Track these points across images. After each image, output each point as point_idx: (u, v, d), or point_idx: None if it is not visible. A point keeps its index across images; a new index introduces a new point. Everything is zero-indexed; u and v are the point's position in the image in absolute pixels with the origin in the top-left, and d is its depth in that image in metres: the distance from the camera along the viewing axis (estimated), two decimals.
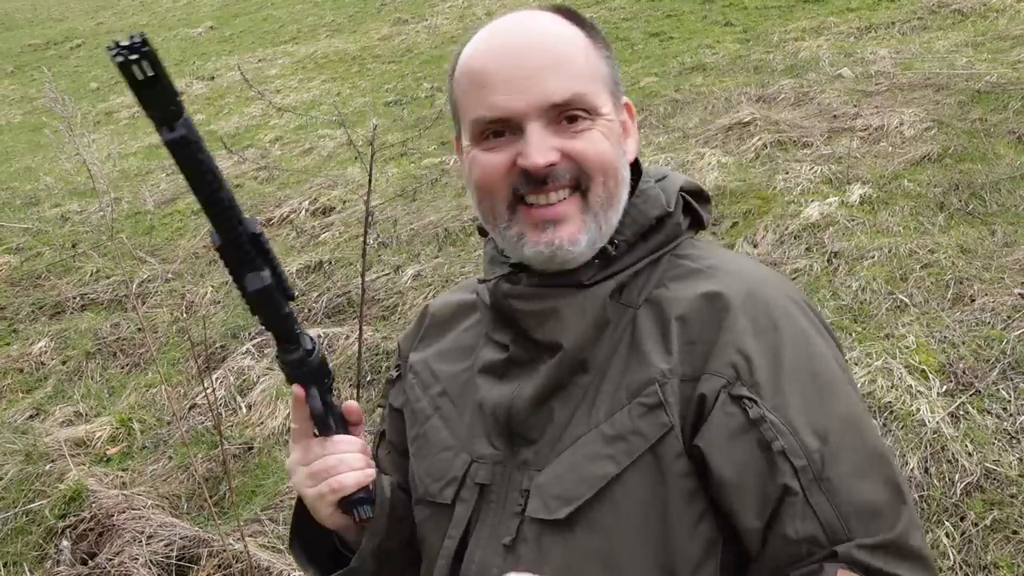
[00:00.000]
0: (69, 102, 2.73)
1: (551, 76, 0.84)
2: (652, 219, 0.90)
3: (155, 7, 14.83)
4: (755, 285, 0.86)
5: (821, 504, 0.78)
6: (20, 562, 2.64)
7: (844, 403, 0.83)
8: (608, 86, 0.89)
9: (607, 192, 0.86)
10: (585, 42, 0.88)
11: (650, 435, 0.82)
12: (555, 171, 0.84)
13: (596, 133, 0.86)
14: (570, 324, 0.86)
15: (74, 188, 6.17)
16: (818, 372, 0.83)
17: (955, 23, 6.05)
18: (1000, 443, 2.27)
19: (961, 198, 3.51)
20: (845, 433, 0.81)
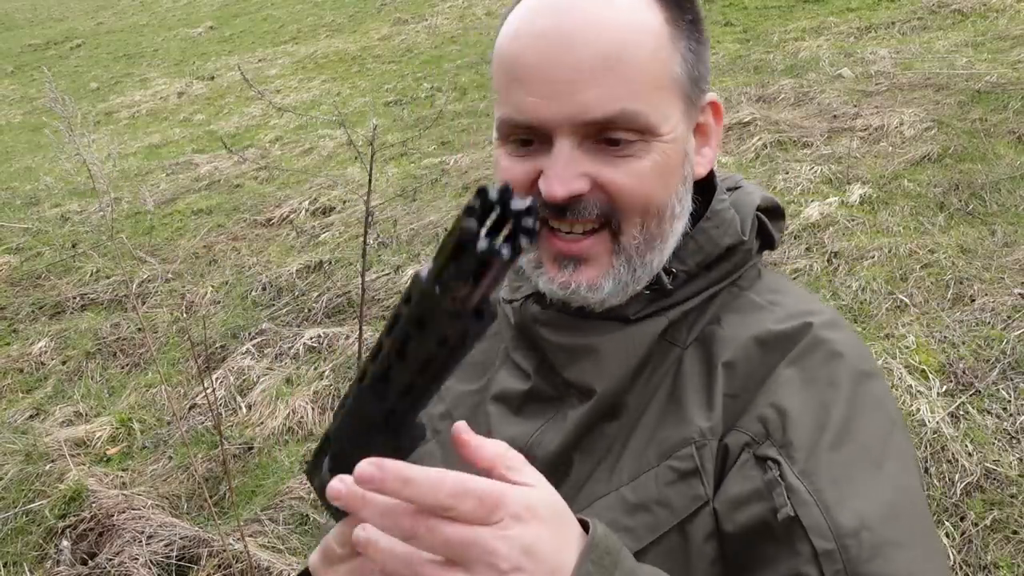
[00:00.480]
0: (69, 102, 2.73)
1: (594, 84, 0.65)
2: (723, 248, 0.74)
3: (155, 7, 14.83)
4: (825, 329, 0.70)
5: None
6: (20, 562, 2.64)
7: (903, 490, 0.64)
8: (683, 91, 0.70)
9: (646, 234, 0.70)
10: (661, 32, 0.68)
11: (680, 508, 0.67)
12: (581, 204, 0.68)
13: (645, 162, 0.68)
14: (608, 367, 0.72)
15: (74, 188, 6.17)
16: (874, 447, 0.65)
17: (955, 23, 6.05)
18: (1000, 443, 2.27)
19: (961, 198, 3.51)
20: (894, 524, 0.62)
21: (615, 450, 0.71)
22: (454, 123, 6.22)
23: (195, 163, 6.59)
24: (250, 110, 8.05)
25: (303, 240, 4.73)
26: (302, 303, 3.97)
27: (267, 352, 3.61)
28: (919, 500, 0.65)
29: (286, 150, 6.60)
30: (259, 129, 7.41)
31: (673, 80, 0.69)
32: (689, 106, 0.71)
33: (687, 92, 0.70)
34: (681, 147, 0.71)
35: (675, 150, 0.70)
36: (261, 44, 10.87)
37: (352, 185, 5.27)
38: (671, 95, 0.69)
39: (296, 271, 4.26)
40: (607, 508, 0.69)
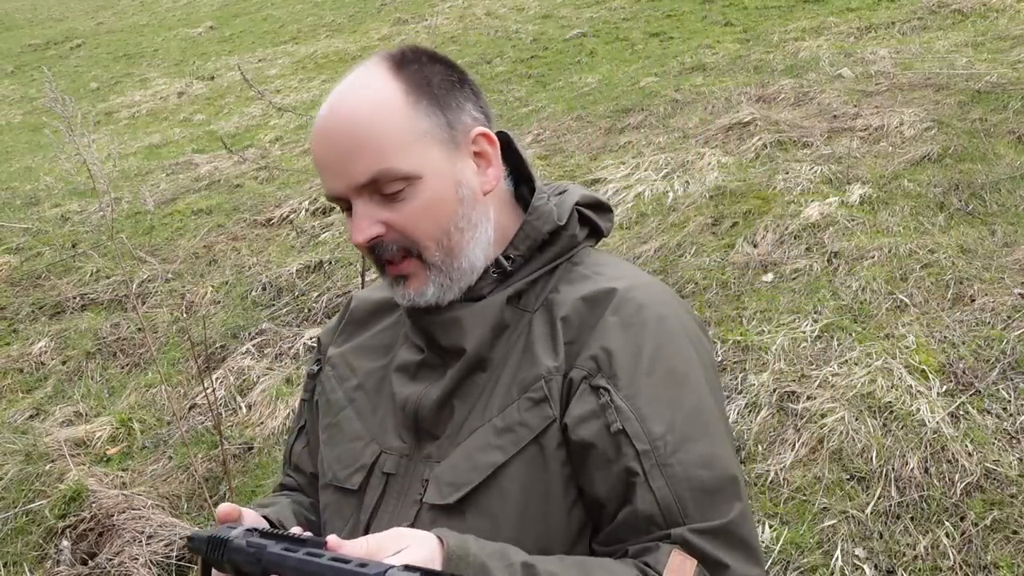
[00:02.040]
0: (69, 102, 2.73)
1: (353, 159, 0.88)
2: (545, 234, 0.96)
3: (155, 7, 14.83)
4: (633, 288, 0.93)
5: (661, 488, 0.85)
6: (20, 562, 2.64)
7: (696, 400, 0.89)
8: (436, 138, 0.91)
9: (444, 249, 0.92)
10: (401, 104, 0.90)
11: (535, 426, 0.89)
12: (382, 245, 0.91)
13: (416, 201, 0.90)
14: (470, 329, 0.93)
15: (74, 188, 6.17)
16: (675, 369, 0.90)
17: (955, 23, 6.05)
18: (1000, 443, 2.27)
19: (961, 198, 3.51)
20: (692, 426, 0.88)
21: (485, 393, 0.93)
22: None
23: (195, 163, 6.59)
24: (250, 110, 8.05)
25: (303, 240, 4.73)
26: (302, 303, 3.97)
27: (267, 352, 3.61)
28: (710, 404, 0.91)
29: (286, 150, 6.60)
30: (259, 129, 7.41)
31: (422, 134, 0.90)
32: (449, 147, 0.92)
33: (442, 137, 0.91)
34: (449, 179, 0.92)
35: (442, 184, 0.91)
36: (261, 44, 10.87)
37: None
38: (423, 145, 0.90)
39: (296, 271, 4.26)
40: (482, 434, 0.91)
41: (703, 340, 0.96)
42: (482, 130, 0.95)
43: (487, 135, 0.95)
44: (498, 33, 8.72)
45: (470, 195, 0.93)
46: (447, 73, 0.95)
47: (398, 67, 0.92)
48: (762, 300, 3.09)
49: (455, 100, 0.94)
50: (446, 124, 0.92)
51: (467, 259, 0.94)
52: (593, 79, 6.59)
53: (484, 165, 0.96)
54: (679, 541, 0.84)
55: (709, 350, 0.97)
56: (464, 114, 0.94)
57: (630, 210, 4.10)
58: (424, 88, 0.92)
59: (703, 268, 3.40)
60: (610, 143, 5.00)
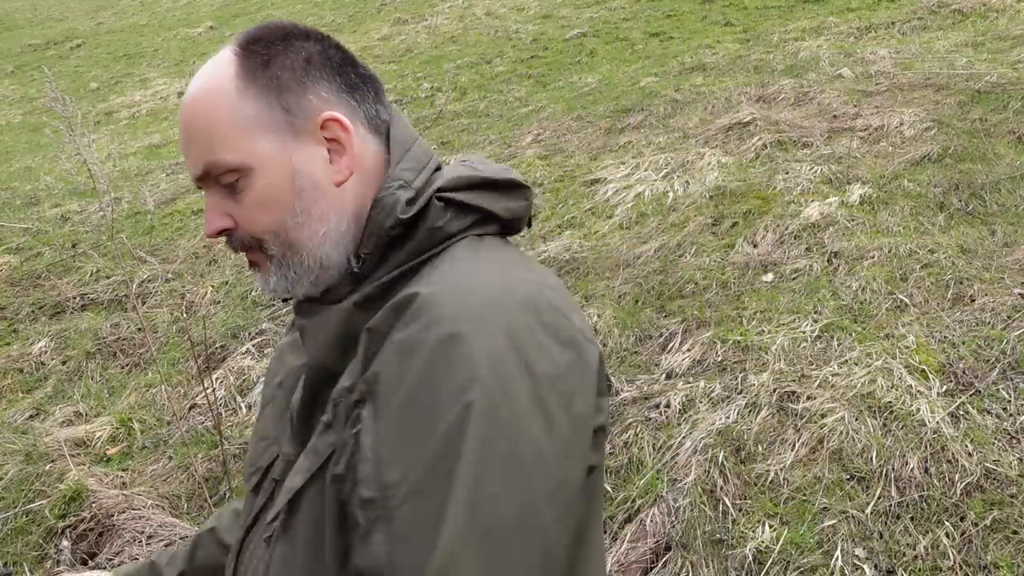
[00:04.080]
0: (69, 102, 2.73)
1: (189, 150, 0.86)
2: (387, 229, 0.84)
3: (155, 7, 14.84)
4: (440, 295, 0.75)
5: (377, 545, 0.69)
6: (20, 562, 2.64)
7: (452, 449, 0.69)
8: (264, 124, 0.84)
9: (283, 243, 0.86)
10: (228, 90, 0.84)
11: (322, 453, 0.80)
12: (232, 239, 0.88)
13: (251, 192, 0.85)
14: (314, 339, 0.87)
15: (74, 188, 6.17)
16: (437, 406, 0.70)
17: (955, 23, 6.05)
18: (1000, 443, 2.27)
19: (961, 198, 3.51)
20: (429, 479, 0.68)
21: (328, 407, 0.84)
22: (454, 123, 6.22)
23: None
24: None
25: None
26: None
27: (267, 352, 3.61)
28: (458, 454, 0.68)
29: None
30: None
31: (249, 122, 0.84)
32: (285, 134, 0.85)
33: (272, 124, 0.84)
34: (282, 169, 0.85)
35: (275, 174, 0.84)
36: None
37: None
38: (251, 134, 0.84)
39: None
40: (303, 456, 0.83)
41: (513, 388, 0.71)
42: (330, 114, 0.85)
43: (338, 120, 0.86)
44: (498, 33, 8.72)
45: (311, 186, 0.85)
46: (298, 52, 0.86)
47: (242, 48, 0.86)
48: (762, 300, 3.09)
49: (299, 81, 0.85)
50: (280, 109, 0.85)
51: (311, 255, 0.86)
52: (593, 79, 6.59)
53: (338, 153, 0.87)
54: None
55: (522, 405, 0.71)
56: (310, 96, 0.85)
57: (630, 210, 4.10)
58: (259, 70, 0.85)
59: (703, 268, 3.40)
60: (610, 143, 5.01)
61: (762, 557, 2.11)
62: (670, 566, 2.18)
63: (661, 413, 2.64)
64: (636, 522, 2.30)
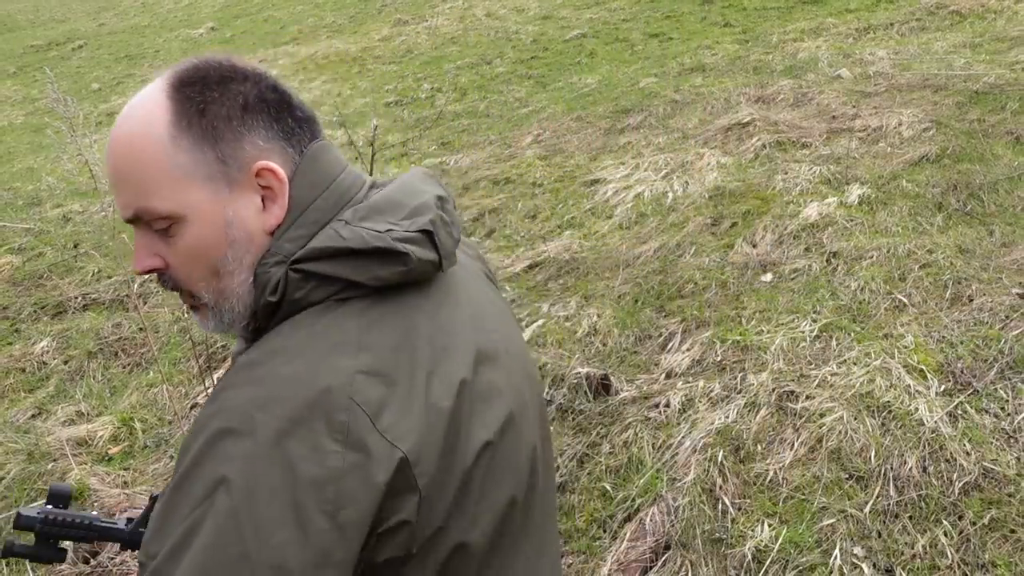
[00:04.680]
0: (71, 103, 2.75)
1: (118, 192, 0.85)
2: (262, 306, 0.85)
3: (156, 8, 14.85)
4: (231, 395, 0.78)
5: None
6: (22, 561, 2.65)
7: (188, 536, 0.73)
8: (198, 174, 0.83)
9: (213, 291, 0.87)
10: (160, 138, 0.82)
11: None
12: (163, 278, 0.88)
13: (183, 240, 0.84)
14: None
15: (76, 188, 6.18)
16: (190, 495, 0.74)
17: (953, 24, 6.06)
18: (998, 442, 2.28)
19: (959, 198, 3.52)
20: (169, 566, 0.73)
21: None
22: (454, 123, 6.24)
23: None
24: None
25: None
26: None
27: None
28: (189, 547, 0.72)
29: None
30: None
31: (182, 172, 0.82)
32: (220, 185, 0.84)
33: (207, 174, 0.83)
34: (216, 220, 0.84)
35: (207, 225, 0.84)
36: (262, 45, 10.88)
37: None
38: (184, 184, 0.83)
39: None
40: None
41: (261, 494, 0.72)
42: (264, 164, 0.85)
43: (271, 170, 0.85)
44: (498, 34, 8.73)
45: (244, 236, 0.85)
46: (235, 96, 0.84)
47: (175, 89, 0.84)
48: (761, 300, 3.10)
49: (235, 130, 0.84)
50: (215, 160, 0.83)
51: (241, 302, 0.87)
52: (593, 80, 6.60)
53: (272, 199, 0.86)
54: None
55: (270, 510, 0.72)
56: (246, 145, 0.84)
57: (630, 210, 4.11)
58: (194, 117, 0.83)
59: (702, 268, 3.41)
60: (610, 143, 5.02)
61: (761, 556, 2.12)
62: (669, 565, 2.19)
63: (661, 413, 2.66)
64: (636, 521, 2.31)
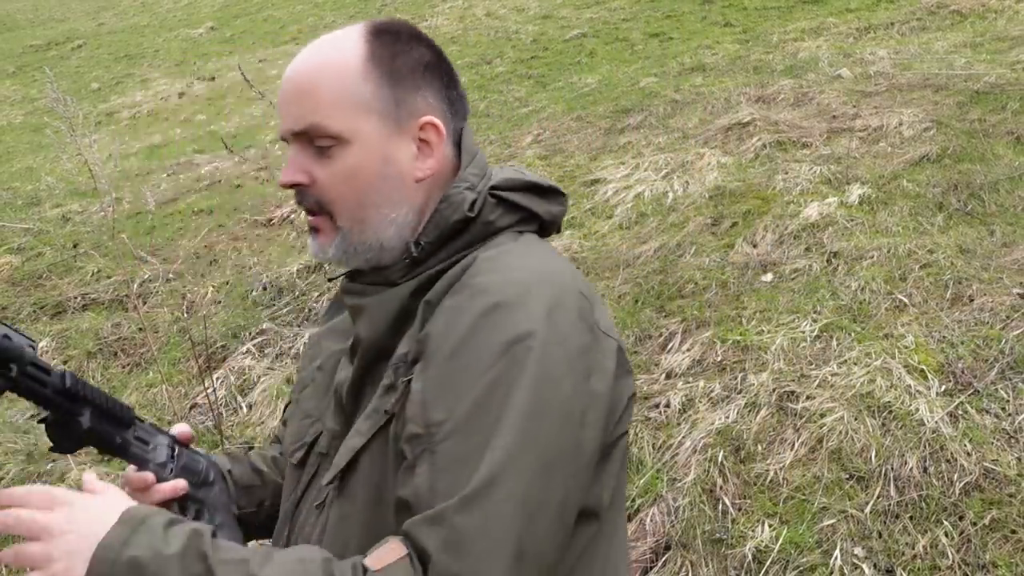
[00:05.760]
0: (70, 102, 2.74)
1: (294, 106, 0.93)
2: (451, 223, 0.93)
3: (156, 8, 14.84)
4: (485, 276, 0.87)
5: (421, 474, 0.79)
6: None
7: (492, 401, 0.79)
8: (375, 108, 0.92)
9: (354, 218, 0.93)
10: (355, 66, 0.92)
11: (384, 413, 0.89)
12: (302, 195, 0.95)
13: (342, 162, 0.92)
14: (370, 319, 0.95)
15: (75, 188, 6.18)
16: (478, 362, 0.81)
17: (954, 24, 6.06)
18: (999, 443, 2.28)
19: (960, 198, 3.52)
20: (475, 423, 0.79)
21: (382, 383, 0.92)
22: None
23: (196, 163, 6.60)
24: (251, 110, 8.06)
25: (303, 240, 4.73)
26: (302, 303, 3.98)
27: (268, 352, 3.62)
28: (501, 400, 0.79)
29: (287, 150, 6.61)
30: (260, 129, 7.42)
31: (363, 102, 0.91)
32: (389, 124, 0.92)
33: (383, 111, 0.92)
34: (377, 153, 0.92)
35: (369, 155, 0.92)
36: (262, 45, 10.88)
37: None
38: (361, 113, 0.91)
39: (296, 271, 4.26)
40: (363, 419, 0.92)
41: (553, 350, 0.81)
42: (431, 119, 0.94)
43: (435, 125, 0.95)
44: (498, 34, 8.73)
45: (396, 175, 0.93)
46: (421, 55, 0.95)
47: (373, 34, 0.94)
48: (761, 300, 3.09)
49: (414, 82, 0.94)
50: (392, 100, 0.92)
51: (375, 235, 0.94)
52: (593, 79, 6.60)
53: (426, 153, 0.95)
54: (404, 530, 0.77)
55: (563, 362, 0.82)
56: (419, 98, 0.94)
57: (630, 210, 4.11)
58: (386, 60, 0.93)
59: (703, 268, 3.41)
60: (610, 143, 5.01)
61: (761, 556, 2.12)
62: (670, 565, 2.19)
63: (661, 413, 2.65)
64: (636, 521, 2.31)
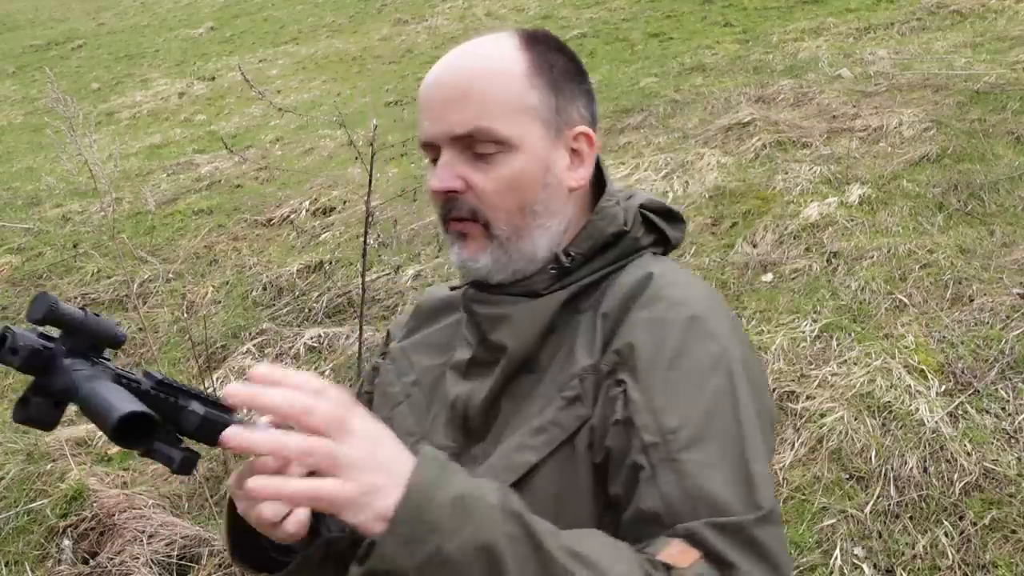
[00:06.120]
0: (70, 102, 2.75)
1: (457, 109, 0.88)
2: (608, 235, 0.94)
3: (156, 8, 14.84)
4: (671, 290, 0.89)
5: (668, 484, 0.78)
6: (22, 561, 2.65)
7: (721, 404, 0.82)
8: (541, 118, 0.91)
9: (512, 226, 0.91)
10: (522, 74, 0.90)
11: (568, 426, 0.86)
12: (456, 202, 0.91)
13: (504, 169, 0.89)
14: (518, 328, 0.91)
15: (75, 188, 6.18)
16: (700, 369, 0.83)
17: (954, 24, 6.06)
18: (998, 443, 2.28)
19: (960, 198, 3.52)
20: (712, 426, 0.80)
21: (530, 395, 0.90)
22: None
23: (196, 163, 6.60)
24: (251, 110, 8.06)
25: (303, 240, 4.73)
26: (302, 303, 3.98)
27: (268, 352, 3.61)
28: (732, 409, 0.82)
29: (287, 150, 6.61)
30: (260, 129, 7.42)
31: (528, 108, 0.90)
32: (551, 131, 0.92)
33: (546, 119, 0.91)
34: (541, 161, 0.91)
35: (533, 162, 0.90)
36: (262, 45, 10.88)
37: (352, 185, 5.28)
38: (528, 118, 0.90)
39: (296, 271, 4.26)
40: (519, 435, 0.88)
41: (750, 360, 0.89)
42: (585, 130, 0.95)
43: (589, 136, 0.95)
44: None
45: (555, 184, 0.93)
46: (570, 65, 0.96)
47: (527, 43, 0.93)
48: (761, 300, 3.09)
49: (570, 91, 0.94)
50: (555, 108, 0.92)
51: (531, 245, 0.92)
52: (593, 79, 6.57)
53: (577, 163, 0.95)
54: (682, 534, 0.75)
55: (758, 373, 0.90)
56: (574, 108, 0.95)
57: None
58: (546, 68, 0.92)
59: (703, 268, 3.41)
60: (610, 143, 5.01)
61: None
62: None
63: None
64: None
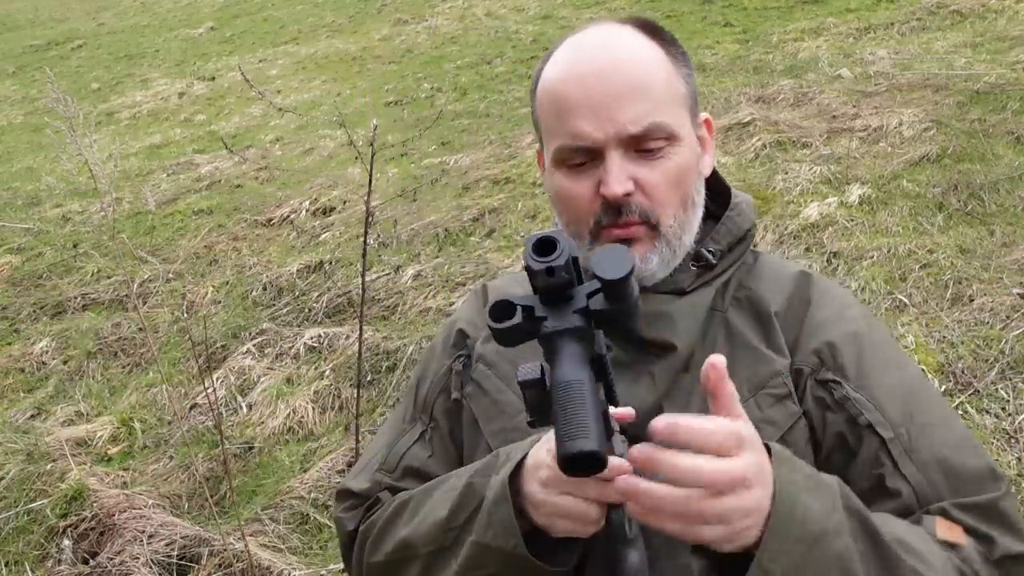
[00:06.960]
0: (70, 102, 2.75)
1: (629, 105, 0.83)
2: (744, 231, 0.94)
3: (156, 8, 14.84)
4: (832, 288, 0.95)
5: (912, 474, 0.81)
6: (21, 561, 2.65)
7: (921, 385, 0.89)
8: (687, 105, 0.89)
9: (678, 221, 0.88)
10: (666, 62, 0.88)
11: (781, 423, 0.85)
12: (631, 204, 0.86)
13: (671, 162, 0.86)
14: (682, 327, 0.88)
15: (75, 188, 6.18)
16: (895, 359, 0.90)
17: (954, 24, 6.05)
18: (999, 442, 2.28)
19: (960, 198, 3.52)
20: (927, 411, 0.85)
21: (691, 397, 0.87)
22: (454, 123, 6.23)
23: (196, 163, 6.60)
24: (251, 110, 8.05)
25: (303, 240, 4.73)
26: (302, 303, 3.97)
27: (268, 352, 3.61)
28: (932, 388, 0.91)
29: (287, 150, 6.61)
30: (260, 129, 7.42)
31: (681, 96, 0.89)
32: (693, 118, 0.91)
33: (691, 106, 0.90)
34: (694, 149, 0.90)
35: (690, 151, 0.89)
36: (262, 45, 10.88)
37: (352, 185, 5.28)
38: (681, 108, 0.88)
39: (296, 271, 4.26)
40: None
41: None
42: (707, 116, 0.93)
43: (709, 121, 0.94)
44: (498, 34, 8.72)
45: (700, 174, 0.91)
46: (684, 51, 0.93)
47: (649, 32, 0.90)
48: None
49: (694, 79, 0.93)
50: (693, 97, 0.90)
51: (689, 237, 0.90)
52: None
53: (704, 150, 0.93)
54: (937, 514, 0.79)
55: None
56: (696, 96, 0.93)
57: None
58: (679, 56, 0.90)
59: None
60: None
61: None
62: None
63: None
64: None
